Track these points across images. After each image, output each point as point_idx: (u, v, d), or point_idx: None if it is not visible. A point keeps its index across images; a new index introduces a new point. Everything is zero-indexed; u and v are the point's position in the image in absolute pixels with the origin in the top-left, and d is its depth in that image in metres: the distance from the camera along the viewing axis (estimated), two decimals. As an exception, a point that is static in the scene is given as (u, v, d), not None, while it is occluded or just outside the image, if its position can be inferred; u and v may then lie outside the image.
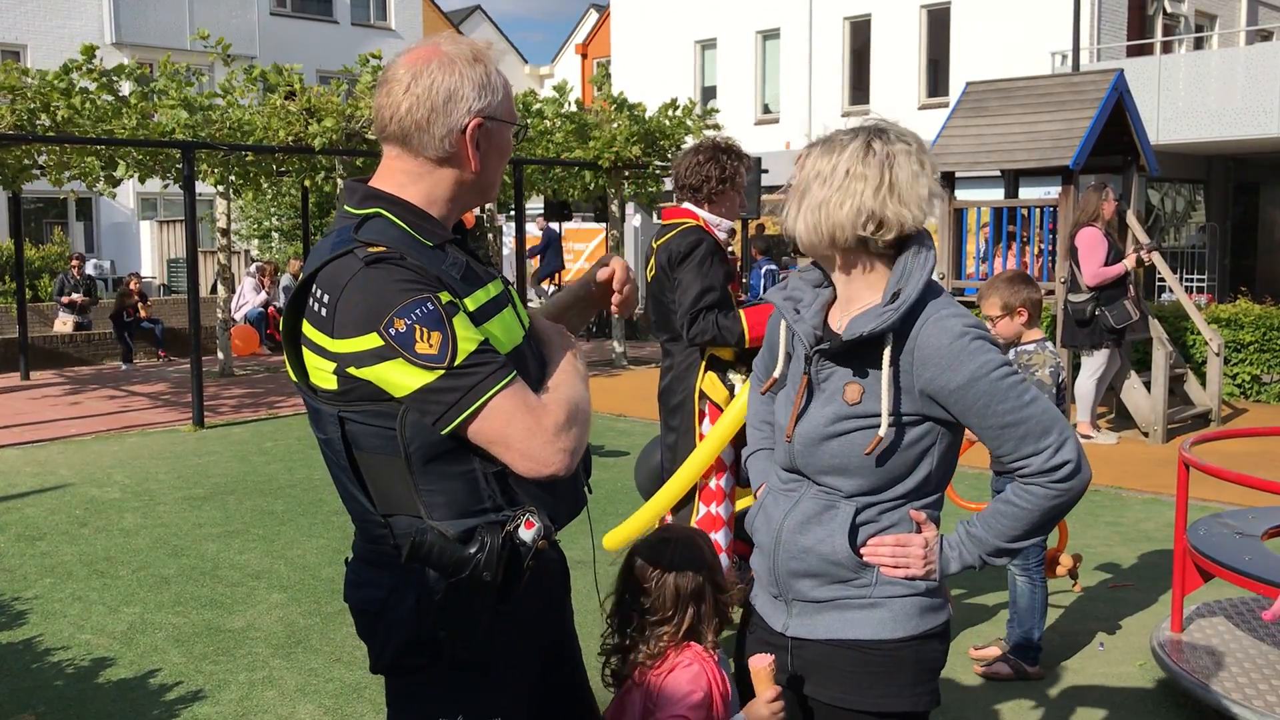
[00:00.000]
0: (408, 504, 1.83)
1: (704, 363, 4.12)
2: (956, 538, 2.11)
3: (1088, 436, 8.94)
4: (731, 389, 4.11)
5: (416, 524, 1.83)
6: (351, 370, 1.77)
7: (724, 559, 4.01)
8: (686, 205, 4.17)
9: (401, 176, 1.91)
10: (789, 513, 2.11)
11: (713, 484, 4.11)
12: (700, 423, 4.13)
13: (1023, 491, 2.03)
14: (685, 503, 4.18)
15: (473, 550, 1.77)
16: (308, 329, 1.81)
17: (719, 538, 4.05)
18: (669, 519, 4.20)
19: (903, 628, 2.05)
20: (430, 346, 1.71)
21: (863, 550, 2.05)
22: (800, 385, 2.10)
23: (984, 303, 4.35)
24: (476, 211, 13.28)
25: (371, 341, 1.72)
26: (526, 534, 1.78)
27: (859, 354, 2.03)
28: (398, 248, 1.79)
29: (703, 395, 4.12)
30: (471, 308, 1.82)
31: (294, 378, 1.89)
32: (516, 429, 1.75)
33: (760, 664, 2.07)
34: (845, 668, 2.06)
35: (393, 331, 1.71)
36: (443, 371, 1.72)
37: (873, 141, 2.02)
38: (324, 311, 1.77)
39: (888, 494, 2.05)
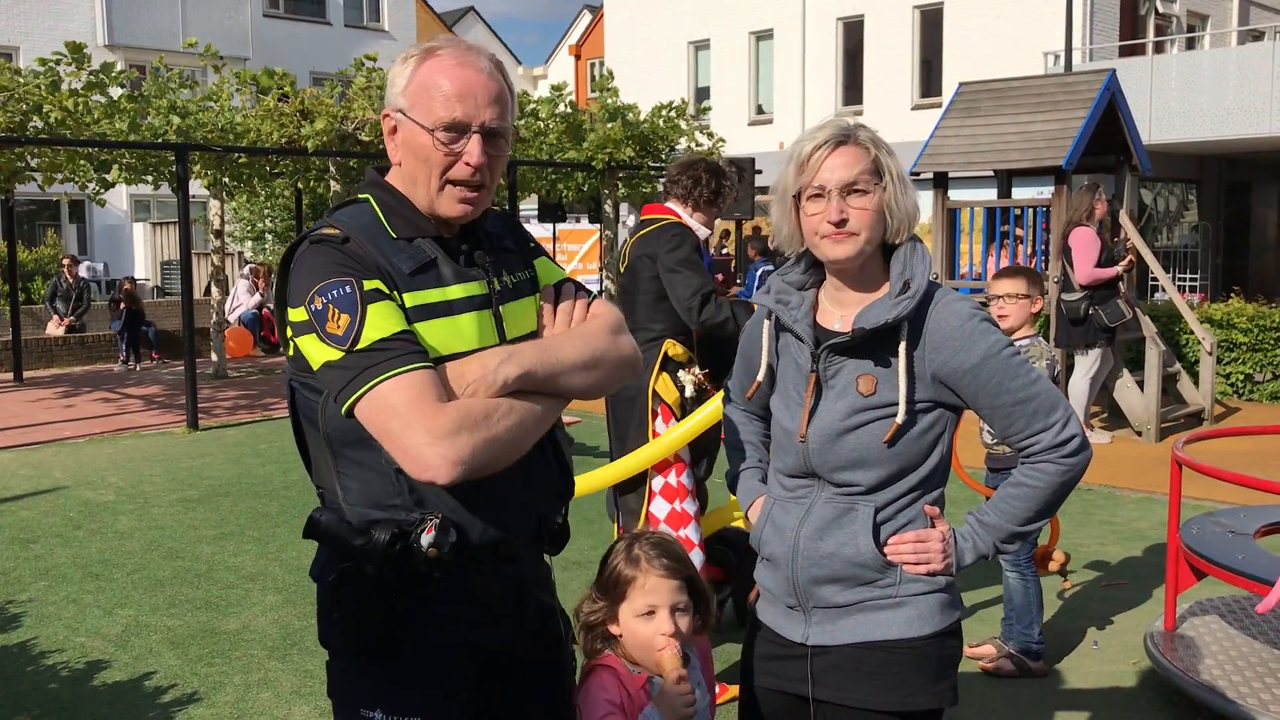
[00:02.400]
0: (329, 482, 1.89)
1: (658, 362, 4.18)
2: (968, 529, 2.15)
3: None
4: (681, 390, 4.18)
5: (331, 501, 1.89)
6: (292, 338, 1.85)
7: (698, 554, 4.07)
8: (670, 204, 4.29)
9: (394, 167, 1.98)
10: (803, 520, 2.12)
11: (673, 480, 4.14)
12: (654, 421, 4.18)
13: (1032, 471, 2.09)
14: (634, 485, 4.19)
15: (360, 542, 1.79)
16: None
17: (689, 533, 4.10)
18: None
19: (929, 625, 2.08)
20: (338, 327, 1.75)
21: (885, 549, 2.07)
22: (809, 385, 2.11)
23: (1009, 281, 4.37)
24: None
25: (300, 315, 1.80)
26: (425, 539, 1.77)
27: (871, 346, 2.06)
28: (350, 232, 1.85)
29: (656, 395, 4.18)
30: (409, 304, 1.82)
31: (284, 348, 1.97)
32: (398, 422, 1.71)
33: (664, 649, 2.05)
34: (872, 669, 2.07)
35: (313, 308, 1.78)
36: (343, 352, 1.75)
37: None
38: (286, 283, 1.88)
39: (902, 484, 2.08)
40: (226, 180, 13.27)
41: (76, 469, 8.41)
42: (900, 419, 2.03)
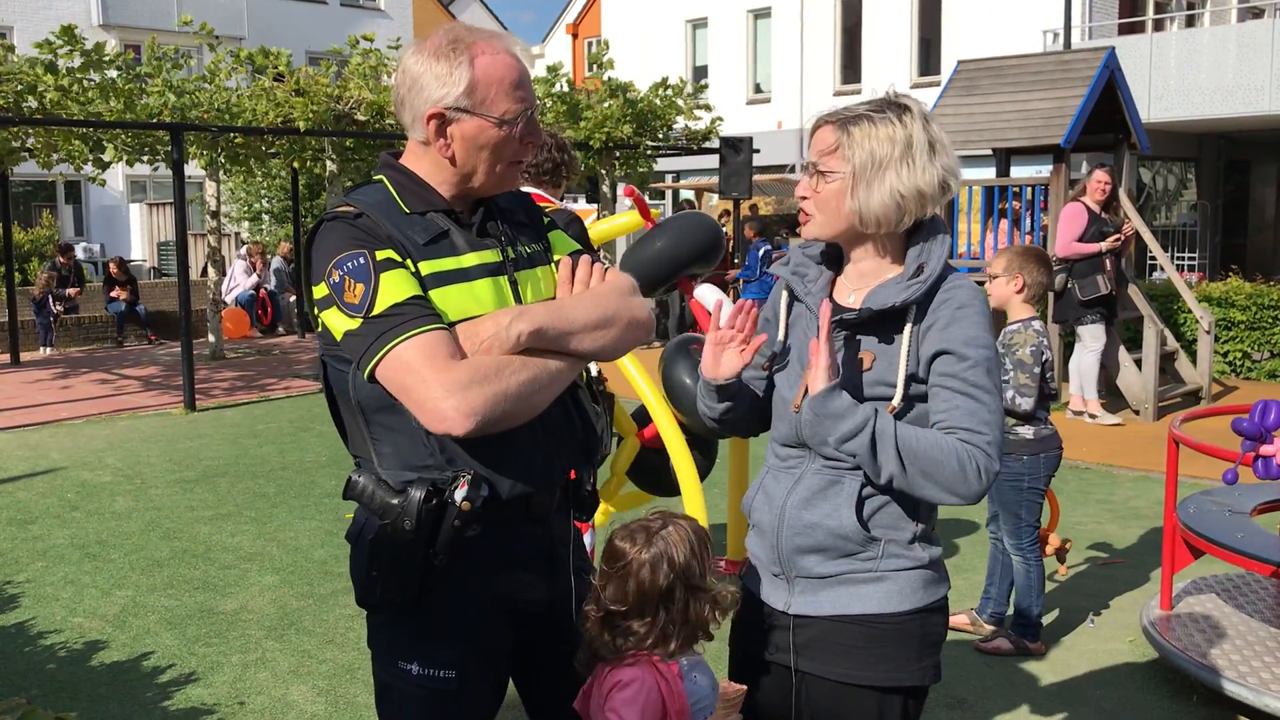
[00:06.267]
0: (364, 449, 1.99)
1: None
2: (870, 409, 2.00)
3: (1094, 415, 8.90)
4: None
5: (367, 467, 1.97)
6: (319, 314, 1.94)
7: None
8: (539, 191, 4.28)
9: (410, 153, 2.04)
10: (791, 490, 2.12)
11: None
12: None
13: (952, 440, 1.98)
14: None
15: (397, 500, 1.88)
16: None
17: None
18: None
19: (909, 601, 2.07)
20: (354, 296, 1.85)
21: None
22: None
23: (994, 260, 4.43)
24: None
25: (322, 290, 1.90)
26: (457, 494, 1.85)
27: (877, 325, 2.06)
28: (363, 209, 1.93)
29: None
30: (425, 271, 1.91)
31: (315, 325, 2.04)
32: (413, 378, 1.80)
33: (731, 690, 2.04)
34: (851, 643, 2.07)
35: (331, 281, 1.88)
36: (361, 320, 1.84)
37: (905, 118, 2.04)
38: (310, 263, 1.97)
39: None
40: (222, 160, 13.20)
41: (74, 450, 8.40)
42: (896, 403, 2.02)
